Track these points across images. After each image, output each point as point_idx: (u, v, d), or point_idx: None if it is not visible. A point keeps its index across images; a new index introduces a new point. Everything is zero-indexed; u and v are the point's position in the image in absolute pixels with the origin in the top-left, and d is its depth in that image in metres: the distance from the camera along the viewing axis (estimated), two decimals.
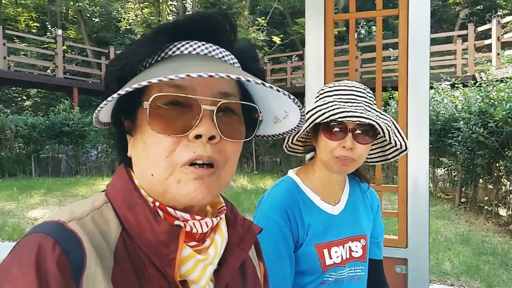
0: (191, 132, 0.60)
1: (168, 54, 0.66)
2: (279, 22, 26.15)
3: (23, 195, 9.41)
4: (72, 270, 0.53)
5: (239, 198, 8.90)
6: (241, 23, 16.90)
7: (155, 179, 0.62)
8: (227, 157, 0.65)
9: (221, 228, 0.72)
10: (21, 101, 24.39)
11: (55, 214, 0.61)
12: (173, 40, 0.66)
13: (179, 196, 0.62)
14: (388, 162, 1.53)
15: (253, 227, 0.76)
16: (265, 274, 0.89)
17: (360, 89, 1.28)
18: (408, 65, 2.20)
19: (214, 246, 0.68)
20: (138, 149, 0.65)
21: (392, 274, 2.21)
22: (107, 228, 0.62)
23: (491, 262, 5.25)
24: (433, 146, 8.67)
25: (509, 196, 6.96)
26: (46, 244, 0.53)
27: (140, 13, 18.34)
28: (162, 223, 0.61)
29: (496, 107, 6.32)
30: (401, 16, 2.22)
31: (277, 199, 1.31)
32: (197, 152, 0.60)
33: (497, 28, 12.93)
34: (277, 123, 0.77)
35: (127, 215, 0.63)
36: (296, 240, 1.29)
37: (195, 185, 0.61)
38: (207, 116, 0.60)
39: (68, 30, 26.52)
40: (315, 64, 2.36)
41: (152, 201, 0.65)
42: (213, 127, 0.60)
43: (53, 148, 13.43)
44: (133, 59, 0.63)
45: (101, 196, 0.68)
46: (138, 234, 0.62)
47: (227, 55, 0.69)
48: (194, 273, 0.64)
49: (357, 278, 1.36)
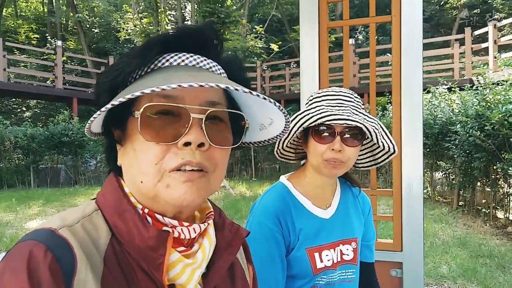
0: (181, 140, 0.62)
1: (158, 65, 0.68)
2: (277, 30, 26.29)
3: (21, 206, 9.40)
4: (63, 275, 0.55)
5: (238, 205, 8.89)
6: (239, 31, 16.98)
7: (145, 185, 0.64)
8: (216, 163, 0.67)
9: (209, 233, 0.74)
10: (21, 112, 24.46)
11: (46, 222, 0.63)
12: (163, 52, 0.69)
13: (169, 200, 0.63)
14: (381, 166, 1.55)
15: (241, 231, 0.78)
16: (254, 277, 0.91)
17: (347, 94, 1.32)
18: (401, 70, 2.22)
19: (202, 250, 0.70)
20: (128, 157, 0.67)
21: (388, 278, 2.22)
22: (97, 235, 0.63)
23: (488, 264, 5.24)
24: (431, 150, 8.69)
25: (506, 198, 6.96)
26: (37, 251, 0.55)
27: (139, 23, 18.44)
28: (151, 228, 0.63)
29: (492, 110, 6.34)
30: (394, 23, 2.25)
31: (269, 205, 1.33)
32: (185, 158, 0.62)
33: (494, 31, 13.02)
34: (262, 130, 0.80)
35: (117, 222, 0.65)
36: (287, 245, 1.30)
37: (185, 188, 0.63)
38: (196, 124, 0.63)
39: (67, 41, 26.68)
40: (309, 71, 2.38)
41: (142, 208, 0.67)
42: (202, 134, 0.63)
43: (52, 159, 13.44)
44: (125, 71, 0.65)
45: (91, 204, 0.70)
46: (127, 240, 0.64)
47: (214, 66, 0.71)
48: (182, 277, 0.66)
49: (348, 281, 1.38)
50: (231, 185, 11.48)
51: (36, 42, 26.95)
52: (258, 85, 19.02)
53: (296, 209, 1.34)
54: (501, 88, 6.80)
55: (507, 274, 4.94)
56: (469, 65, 13.72)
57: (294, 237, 1.31)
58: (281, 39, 23.40)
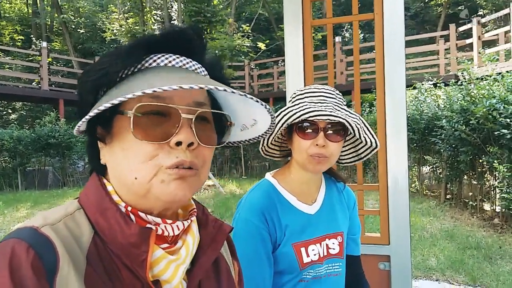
0: (172, 139, 0.64)
1: (145, 65, 0.70)
2: (265, 28, 26.30)
3: (9, 209, 9.28)
4: (45, 272, 0.56)
5: (228, 203, 8.90)
6: (226, 30, 16.95)
7: (138, 181, 0.65)
8: (204, 160, 0.69)
9: (192, 229, 0.75)
10: (7, 115, 24.12)
11: (28, 221, 0.63)
12: (149, 53, 0.70)
13: (162, 195, 0.65)
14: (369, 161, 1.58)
15: (224, 227, 0.80)
16: (240, 272, 0.93)
17: (329, 91, 1.35)
18: (385, 67, 2.26)
19: (186, 246, 0.72)
20: (115, 157, 0.68)
21: (376, 271, 2.27)
22: (79, 233, 0.64)
23: (475, 256, 5.34)
24: (418, 145, 8.78)
25: (492, 191, 7.07)
26: (20, 248, 0.56)
27: (124, 23, 18.31)
28: (133, 226, 0.64)
29: (477, 105, 6.43)
30: (376, 20, 2.29)
31: (255, 202, 1.34)
32: (179, 157, 0.64)
33: (478, 27, 13.20)
34: (244, 130, 0.83)
35: (99, 220, 0.66)
36: (274, 241, 1.32)
37: (177, 184, 0.65)
38: (186, 124, 0.65)
39: (53, 42, 26.39)
40: (295, 69, 2.41)
41: (125, 206, 0.68)
42: (192, 134, 0.65)
43: (40, 161, 13.26)
44: (111, 70, 0.66)
45: (73, 203, 0.70)
46: (110, 237, 0.65)
47: (199, 67, 0.74)
48: (167, 273, 0.67)
49: (335, 275, 1.40)
50: (221, 184, 11.48)
51: (20, 43, 26.57)
52: (247, 83, 19.00)
53: (281, 206, 1.36)
54: (485, 83, 6.91)
55: (494, 265, 5.04)
56: (454, 61, 13.88)
57: (281, 233, 1.33)
58: (269, 37, 23.42)
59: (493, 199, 7.06)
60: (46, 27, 27.02)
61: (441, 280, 4.73)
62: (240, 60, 18.63)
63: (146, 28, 17.43)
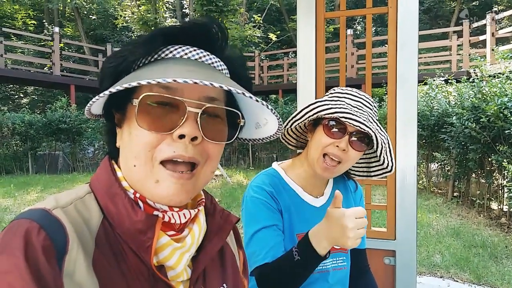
0: (175, 132, 0.64)
1: (161, 56, 0.70)
2: (276, 19, 26.18)
3: (20, 192, 9.43)
4: (55, 253, 0.57)
5: (235, 194, 8.94)
6: (237, 20, 16.88)
7: (137, 170, 0.66)
8: (208, 156, 0.69)
9: (199, 218, 0.76)
10: (18, 99, 24.36)
11: (40, 203, 0.65)
12: (167, 44, 0.70)
13: (156, 197, 0.66)
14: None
15: (231, 217, 0.82)
16: (245, 261, 0.94)
17: (368, 100, 1.33)
18: (397, 62, 2.25)
19: (192, 235, 0.73)
20: (124, 140, 0.70)
21: (381, 265, 2.28)
22: (89, 216, 0.66)
23: (480, 254, 5.32)
24: (427, 141, 8.73)
25: (500, 190, 7.03)
26: (32, 229, 0.57)
27: (136, 11, 18.29)
28: (139, 212, 0.65)
29: (488, 103, 6.36)
30: (390, 14, 2.27)
31: (262, 184, 1.35)
32: (177, 151, 0.64)
33: (492, 24, 13.01)
34: (258, 129, 0.82)
35: (108, 205, 0.68)
36: (280, 214, 1.34)
37: (173, 189, 0.65)
38: (192, 118, 0.64)
39: (65, 28, 26.48)
40: (306, 61, 2.40)
41: (133, 192, 0.69)
42: (197, 128, 0.65)
43: (50, 145, 13.41)
44: (128, 59, 0.67)
45: (84, 187, 0.72)
46: (118, 222, 0.66)
47: (216, 61, 0.73)
48: (171, 260, 0.68)
49: (340, 269, 1.41)
50: (229, 174, 11.52)
51: (33, 28, 26.70)
52: (256, 75, 18.95)
53: (287, 193, 1.37)
54: (498, 81, 6.83)
55: (499, 264, 5.03)
56: (467, 57, 13.73)
57: (285, 214, 1.34)
58: (280, 28, 23.33)
59: (501, 198, 7.01)
60: (58, 12, 27.10)
61: (446, 277, 4.73)
62: (251, 51, 18.57)
63: (157, 16, 17.41)
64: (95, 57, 19.12)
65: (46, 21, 25.99)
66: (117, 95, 0.67)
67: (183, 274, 0.71)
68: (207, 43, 0.72)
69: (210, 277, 0.78)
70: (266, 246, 1.26)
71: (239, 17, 16.90)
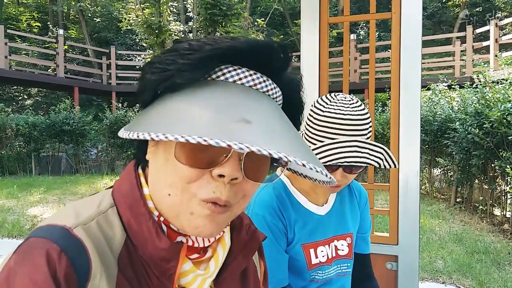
0: (215, 170, 0.57)
1: (212, 77, 0.61)
2: (279, 23, 26.22)
3: (23, 193, 9.46)
4: (77, 280, 0.54)
5: None
6: (241, 24, 16.93)
7: (171, 200, 0.60)
8: (244, 194, 0.63)
9: (224, 238, 0.72)
10: (22, 100, 24.43)
11: (60, 216, 0.61)
12: (221, 62, 0.62)
13: (187, 227, 0.61)
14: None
15: (258, 234, 0.76)
16: (265, 272, 0.90)
17: (364, 121, 1.22)
18: (401, 67, 2.25)
19: (215, 259, 0.69)
20: (158, 161, 0.62)
21: (383, 270, 2.27)
22: (112, 234, 0.61)
23: (483, 260, 5.30)
24: (430, 147, 8.73)
25: (503, 196, 7.00)
26: (52, 252, 0.54)
27: (140, 14, 18.35)
28: (163, 240, 0.61)
29: (491, 108, 6.36)
30: (394, 20, 2.28)
31: (267, 198, 1.34)
32: (216, 193, 0.58)
33: (495, 30, 13.02)
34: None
35: (131, 223, 0.63)
36: (285, 238, 1.33)
37: (205, 222, 0.60)
38: (236, 157, 0.58)
39: (69, 30, 26.57)
40: (310, 66, 2.40)
41: (158, 215, 0.64)
42: (238, 169, 0.58)
43: (54, 147, 13.46)
44: (175, 78, 0.58)
45: (106, 197, 0.67)
46: (140, 244, 0.62)
47: (272, 88, 0.65)
48: (193, 286, 0.66)
49: (343, 275, 1.41)
50: None
51: (37, 30, 26.83)
52: None
53: (292, 205, 1.36)
54: (501, 87, 6.83)
55: (502, 271, 5.00)
56: (470, 63, 13.73)
57: (291, 231, 1.33)
58: (283, 33, 23.36)
59: (503, 204, 6.99)
60: (63, 14, 27.21)
61: (448, 283, 4.71)
62: None
63: (162, 19, 17.45)
64: (99, 60, 19.17)
65: (51, 23, 26.12)
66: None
67: None
68: (267, 66, 0.64)
69: None
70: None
71: (242, 21, 16.94)
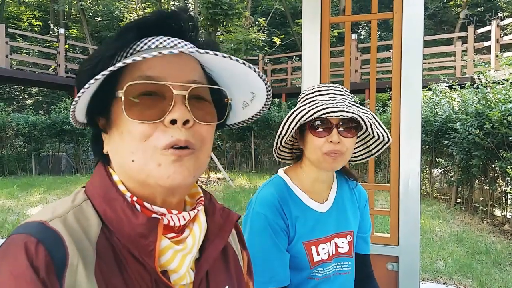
0: (166, 117, 0.62)
1: (137, 50, 0.69)
2: (280, 23, 26.24)
3: (23, 193, 9.46)
4: (55, 268, 0.55)
5: (237, 197, 8.94)
6: (242, 23, 16.91)
7: (136, 164, 0.64)
8: (202, 139, 0.67)
9: (199, 218, 0.74)
10: (23, 100, 24.47)
11: (37, 214, 0.63)
12: (140, 37, 0.69)
13: (160, 180, 0.63)
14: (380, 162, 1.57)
15: (232, 215, 0.79)
16: (249, 262, 0.92)
17: (338, 88, 1.35)
18: (402, 67, 2.25)
19: (192, 236, 0.71)
20: (115, 143, 0.67)
21: (384, 271, 2.27)
22: (87, 224, 0.64)
23: (484, 261, 5.29)
24: (430, 147, 8.72)
25: (504, 197, 7.00)
26: (30, 244, 0.56)
27: (142, 13, 18.40)
28: (140, 216, 0.64)
29: (492, 109, 6.35)
30: (395, 20, 2.27)
31: (269, 197, 1.35)
32: (174, 136, 0.62)
33: (497, 30, 13.01)
34: (245, 108, 0.81)
35: (106, 211, 0.65)
36: (287, 236, 1.33)
37: (175, 167, 0.63)
38: (180, 102, 0.63)
39: (70, 29, 26.60)
40: (311, 65, 2.40)
41: (130, 195, 0.67)
42: (186, 111, 0.63)
43: (54, 147, 13.47)
44: (104, 56, 0.66)
45: (80, 193, 0.70)
46: (117, 228, 0.64)
47: (191, 47, 0.71)
48: (173, 263, 0.67)
49: (344, 273, 1.41)
50: (231, 177, 11.52)
51: (38, 29, 26.85)
52: None
53: (293, 202, 1.37)
54: (502, 87, 6.82)
55: (503, 271, 4.99)
56: (471, 63, 13.73)
57: (292, 228, 1.34)
58: (284, 32, 23.37)
59: (504, 205, 6.99)
60: (64, 13, 27.25)
61: (449, 284, 4.70)
62: (255, 54, 18.60)
63: None
64: None
65: (52, 23, 26.16)
66: (98, 97, 0.66)
67: (186, 277, 0.69)
68: (180, 32, 0.71)
69: (214, 279, 0.76)
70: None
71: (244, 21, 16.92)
